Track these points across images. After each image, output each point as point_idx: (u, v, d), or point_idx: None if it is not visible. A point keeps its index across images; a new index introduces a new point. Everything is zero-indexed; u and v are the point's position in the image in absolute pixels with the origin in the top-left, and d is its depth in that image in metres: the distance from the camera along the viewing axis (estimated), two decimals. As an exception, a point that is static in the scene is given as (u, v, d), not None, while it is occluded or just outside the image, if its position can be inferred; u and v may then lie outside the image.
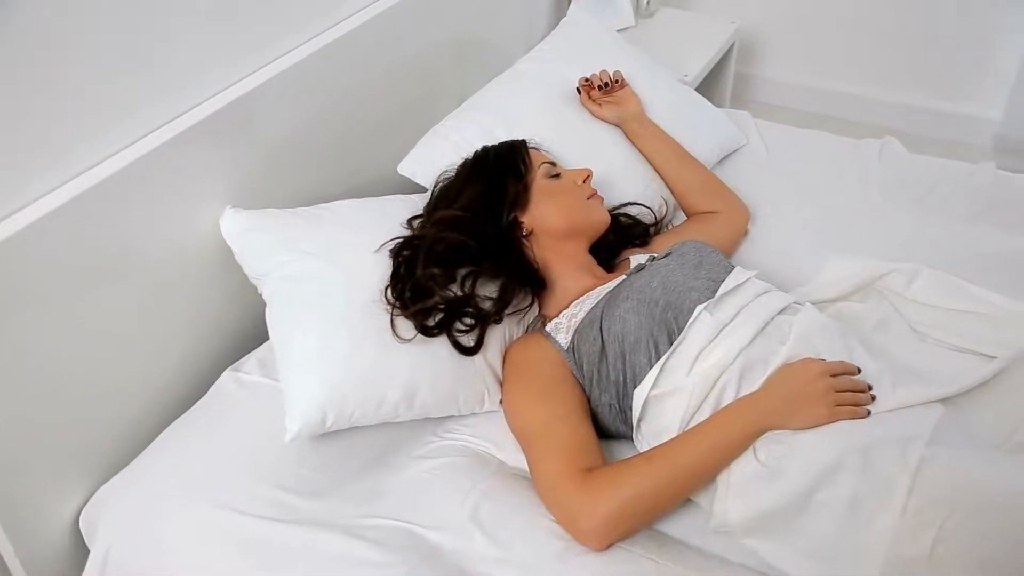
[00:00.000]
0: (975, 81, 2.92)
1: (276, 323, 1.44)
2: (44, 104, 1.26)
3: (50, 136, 1.28)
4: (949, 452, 1.16)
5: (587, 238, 1.56)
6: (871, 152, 2.04)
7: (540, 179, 1.53)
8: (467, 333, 1.40)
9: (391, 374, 1.37)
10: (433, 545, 1.24)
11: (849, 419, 1.21)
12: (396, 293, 1.40)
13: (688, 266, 1.44)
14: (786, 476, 1.19)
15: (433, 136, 1.80)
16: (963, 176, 1.95)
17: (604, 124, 1.87)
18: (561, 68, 1.96)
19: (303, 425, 1.32)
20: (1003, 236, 1.75)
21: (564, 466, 1.24)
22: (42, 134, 1.27)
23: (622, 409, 1.35)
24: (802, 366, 1.26)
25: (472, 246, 1.43)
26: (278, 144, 1.64)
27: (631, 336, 1.32)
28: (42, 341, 1.29)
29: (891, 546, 1.11)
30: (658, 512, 1.25)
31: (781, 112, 3.13)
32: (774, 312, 1.35)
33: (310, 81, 1.69)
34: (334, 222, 1.54)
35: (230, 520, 1.28)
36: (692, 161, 1.86)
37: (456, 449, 1.40)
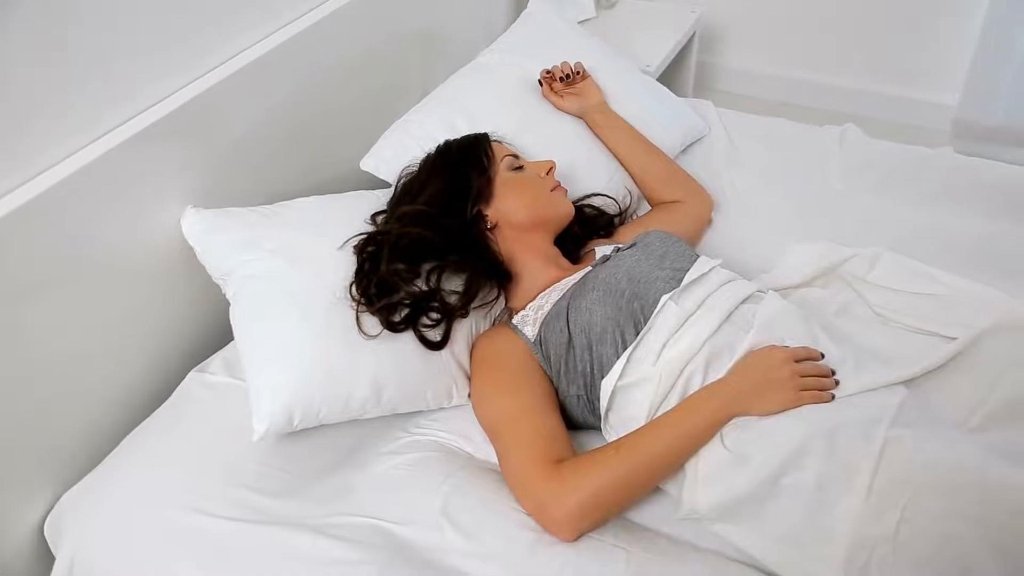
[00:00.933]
0: (932, 67, 2.95)
1: (241, 322, 1.43)
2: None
3: (5, 137, 1.26)
4: (912, 433, 1.18)
5: (551, 230, 1.56)
6: (832, 138, 2.06)
7: (503, 172, 1.53)
8: (433, 328, 1.40)
9: (358, 371, 1.36)
10: (404, 541, 1.24)
11: (813, 404, 1.23)
12: (361, 289, 1.39)
13: (653, 256, 1.44)
14: (753, 462, 1.20)
15: (395, 131, 1.80)
16: (922, 160, 1.97)
17: (567, 116, 1.87)
18: (523, 60, 1.96)
19: (270, 425, 1.32)
20: (961, 219, 1.78)
21: (533, 458, 1.24)
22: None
23: (590, 400, 1.35)
24: (767, 353, 1.27)
25: (436, 240, 1.43)
26: (239, 142, 1.63)
27: (597, 327, 1.33)
28: (0, 346, 1.27)
29: (856, 527, 1.13)
30: (628, 501, 1.26)
31: (743, 100, 3.14)
32: (738, 300, 1.36)
33: (270, 78, 1.67)
34: (297, 219, 1.53)
35: (198, 523, 1.27)
36: (655, 151, 1.87)
37: (425, 444, 1.40)
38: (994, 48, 2.72)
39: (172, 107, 1.47)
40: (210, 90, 1.53)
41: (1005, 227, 1.75)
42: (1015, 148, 2.80)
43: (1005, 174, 1.92)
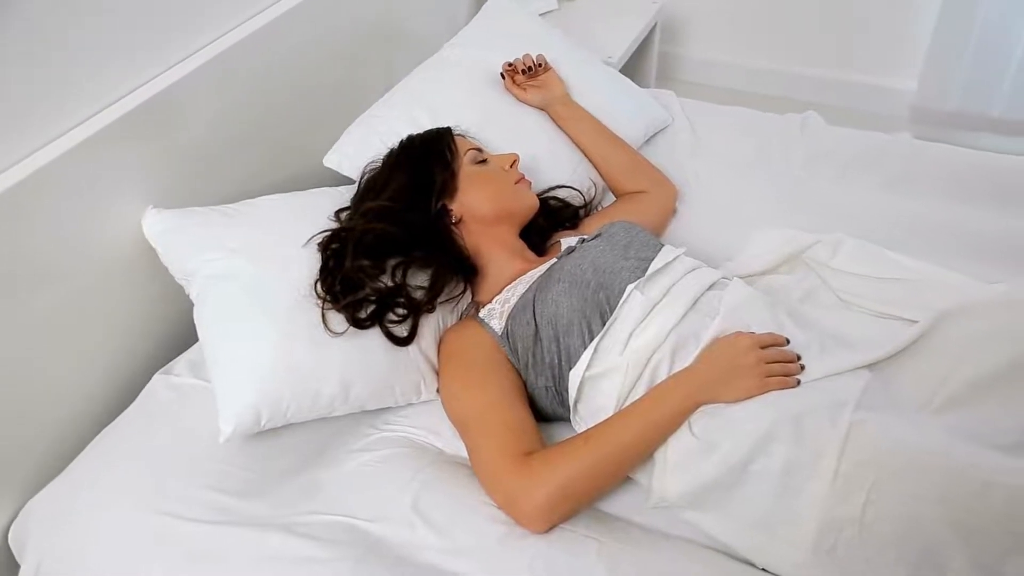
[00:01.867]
0: (890, 54, 2.99)
1: (205, 323, 1.41)
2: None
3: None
4: (876, 416, 1.19)
5: (516, 223, 1.56)
6: (793, 126, 2.07)
7: (467, 166, 1.53)
8: (400, 323, 1.39)
9: (325, 369, 1.35)
10: (375, 537, 1.24)
11: (779, 389, 1.24)
12: (326, 287, 1.38)
13: (618, 247, 1.45)
14: (721, 449, 1.21)
15: (358, 127, 1.79)
16: (881, 146, 1.99)
17: (530, 108, 1.87)
18: (485, 53, 1.95)
19: (237, 425, 1.31)
20: (920, 203, 1.80)
21: (503, 451, 1.24)
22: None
23: (558, 391, 1.36)
24: (732, 340, 1.28)
25: (401, 236, 1.43)
26: (199, 140, 1.61)
27: (564, 319, 1.33)
28: (-41, 352, 1.25)
29: (823, 510, 1.14)
30: (598, 491, 1.26)
31: (706, 90, 3.16)
32: (703, 288, 1.37)
33: (229, 75, 1.66)
34: (260, 217, 1.52)
35: (167, 526, 1.26)
36: (618, 142, 1.87)
37: (394, 440, 1.40)
38: (950, 35, 2.75)
39: (130, 106, 1.45)
40: (169, 88, 1.52)
41: (964, 210, 1.77)
42: (972, 132, 2.85)
43: (962, 158, 1.95)
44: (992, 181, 1.86)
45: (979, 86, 2.78)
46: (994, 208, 1.77)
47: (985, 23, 2.69)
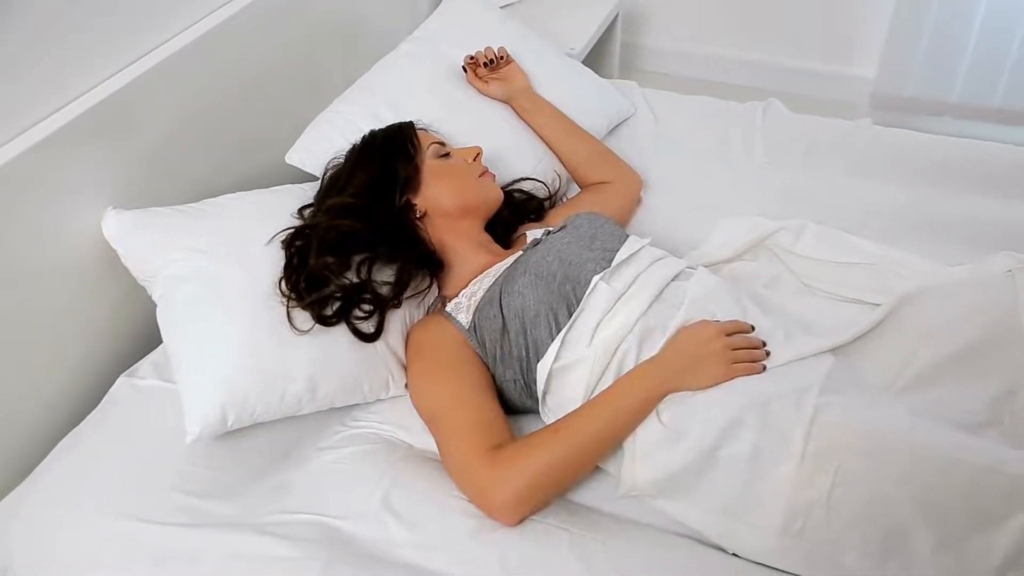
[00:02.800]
0: (850, 41, 3.02)
1: (168, 324, 1.40)
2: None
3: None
4: (841, 399, 1.21)
5: (481, 216, 1.56)
6: (755, 114, 2.09)
7: (430, 160, 1.53)
8: (366, 320, 1.38)
9: (291, 367, 1.34)
10: (346, 535, 1.23)
11: (746, 375, 1.24)
12: (291, 284, 1.37)
13: (583, 238, 1.45)
14: (689, 436, 1.22)
15: (320, 123, 1.77)
16: (842, 133, 2.01)
17: (492, 101, 1.87)
18: (446, 47, 1.94)
19: (204, 426, 1.29)
20: (881, 188, 1.82)
21: (472, 444, 1.24)
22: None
23: (527, 384, 1.36)
24: (698, 328, 1.28)
25: (365, 232, 1.42)
26: (158, 140, 1.59)
27: (531, 311, 1.33)
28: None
29: (791, 493, 1.15)
30: (568, 483, 1.26)
31: (668, 80, 3.17)
32: (669, 278, 1.38)
33: (188, 72, 1.64)
34: (222, 216, 1.50)
35: (135, 530, 1.24)
36: (582, 133, 1.87)
37: (364, 437, 1.39)
38: (907, 22, 2.79)
39: (86, 106, 1.43)
40: (126, 87, 1.50)
41: (924, 194, 1.80)
42: (931, 118, 2.89)
43: (922, 143, 1.97)
44: (950, 165, 1.88)
45: (937, 72, 2.82)
46: (953, 191, 1.80)
47: (941, 10, 2.73)
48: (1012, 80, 2.74)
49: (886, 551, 1.12)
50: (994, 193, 1.79)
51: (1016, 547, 1.06)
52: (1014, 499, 1.08)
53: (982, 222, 1.70)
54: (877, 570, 1.13)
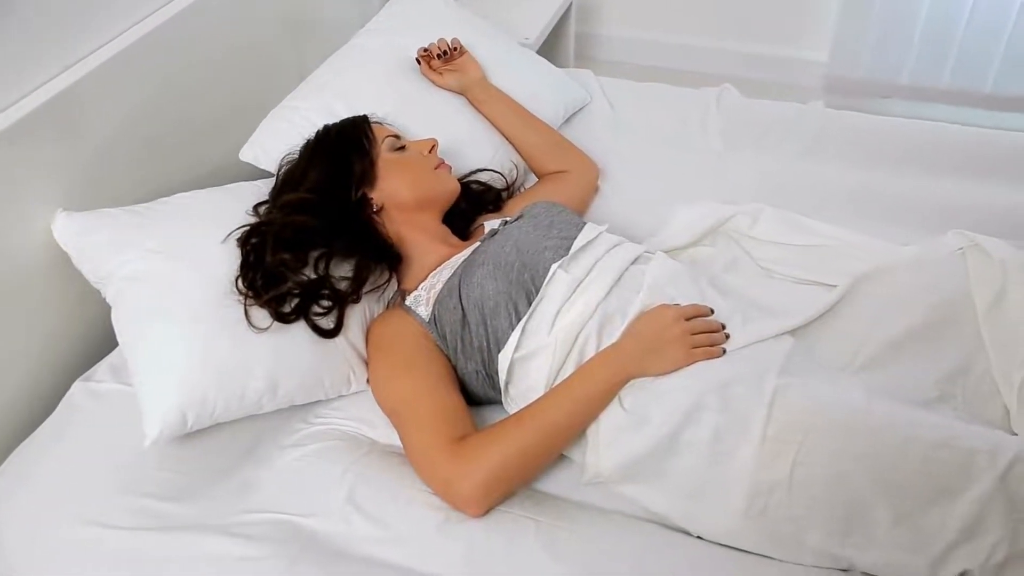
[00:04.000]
0: (802, 26, 3.05)
1: (124, 326, 1.38)
2: None
3: None
4: (800, 380, 1.22)
5: (438, 208, 1.55)
6: (709, 100, 2.10)
7: (385, 153, 1.52)
8: (325, 315, 1.38)
9: (251, 365, 1.33)
10: (312, 533, 1.23)
11: (706, 359, 1.25)
12: (247, 282, 1.36)
13: (540, 227, 1.45)
14: (651, 421, 1.22)
15: (273, 119, 1.76)
16: (795, 116, 2.03)
17: (447, 93, 1.86)
18: (399, 39, 1.93)
19: (163, 428, 1.28)
20: (834, 170, 1.84)
21: (435, 437, 1.24)
22: None
23: (489, 375, 1.36)
24: (657, 313, 1.29)
25: (321, 227, 1.41)
26: (107, 140, 1.57)
27: (490, 301, 1.33)
28: None
29: (753, 474, 1.17)
30: (532, 472, 1.27)
31: (623, 68, 3.18)
32: (627, 264, 1.38)
33: (135, 71, 1.61)
34: (176, 215, 1.49)
35: (97, 536, 1.23)
36: (538, 123, 1.87)
37: (327, 434, 1.38)
38: (857, 5, 2.82)
39: (31, 107, 1.41)
40: (72, 87, 1.47)
41: (877, 175, 1.82)
42: (882, 100, 2.93)
43: (874, 125, 2.00)
44: (902, 146, 1.91)
45: (887, 54, 2.86)
46: (904, 172, 1.82)
47: (890, -8, 2.77)
48: (960, 61, 2.78)
49: (847, 528, 1.14)
50: (944, 173, 1.82)
51: (971, 519, 1.08)
52: (968, 472, 1.10)
53: (933, 202, 1.73)
54: (838, 547, 1.15)
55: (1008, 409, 1.25)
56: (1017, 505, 1.08)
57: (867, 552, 1.14)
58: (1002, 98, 2.80)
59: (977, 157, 1.85)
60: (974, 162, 1.84)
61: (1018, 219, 1.65)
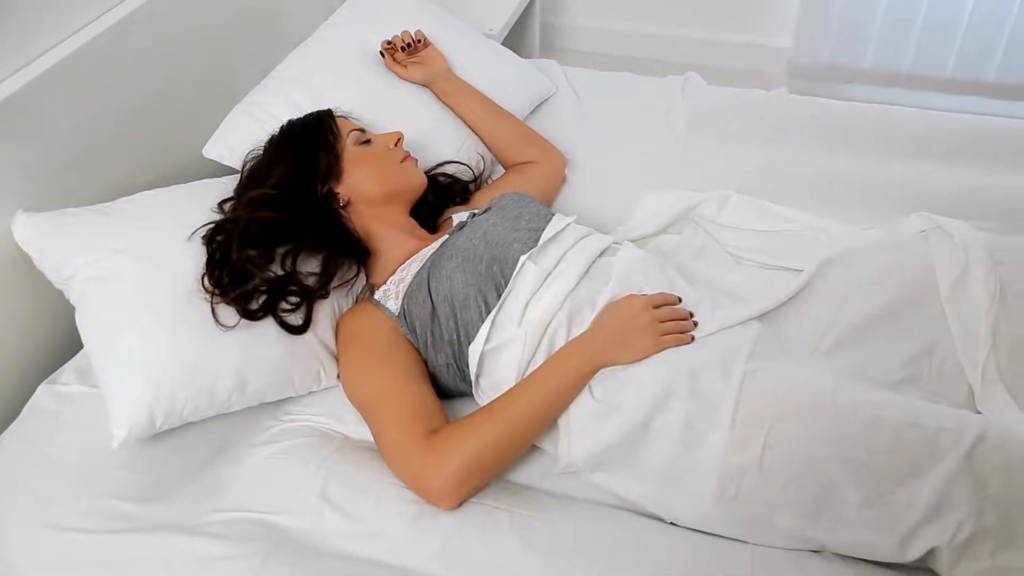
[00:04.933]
0: (765, 13, 3.07)
1: (89, 327, 1.36)
2: None
3: None
4: (768, 365, 1.23)
5: (405, 201, 1.54)
6: (674, 88, 2.10)
7: (350, 147, 1.51)
8: (293, 312, 1.37)
9: (219, 364, 1.32)
10: (284, 530, 1.22)
11: (675, 346, 1.26)
12: (213, 280, 1.35)
13: (508, 218, 1.45)
14: (622, 410, 1.23)
15: (237, 115, 1.74)
16: (759, 103, 2.04)
17: (412, 86, 1.85)
18: (362, 32, 1.91)
19: (131, 429, 1.27)
20: (799, 155, 1.85)
21: (407, 431, 1.24)
22: None
23: (459, 367, 1.36)
24: (626, 302, 1.30)
25: (288, 223, 1.40)
26: (67, 139, 1.54)
27: (460, 294, 1.33)
28: None
29: (724, 459, 1.18)
30: (504, 463, 1.27)
31: (589, 58, 3.18)
32: (595, 254, 1.39)
33: (96, 67, 1.59)
34: (139, 214, 1.47)
35: (66, 540, 1.22)
36: (504, 114, 1.87)
37: (298, 430, 1.38)
38: (820, -9, 2.84)
39: (-10, 105, 1.38)
40: (30, 85, 1.45)
41: (841, 160, 1.84)
42: (845, 85, 2.95)
43: (837, 110, 2.01)
44: (865, 131, 1.92)
45: (850, 40, 2.88)
46: (868, 156, 1.84)
47: (851, -22, 2.79)
48: (920, 46, 2.81)
49: (817, 509, 1.15)
50: (907, 156, 1.84)
51: (938, 497, 1.10)
52: (934, 452, 1.11)
53: (896, 185, 1.75)
54: (810, 529, 1.16)
55: (972, 388, 1.27)
56: (982, 482, 1.09)
57: (837, 533, 1.15)
58: (961, 82, 2.83)
59: (939, 140, 1.88)
60: (936, 145, 1.86)
61: (979, 200, 1.67)
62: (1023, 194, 1.70)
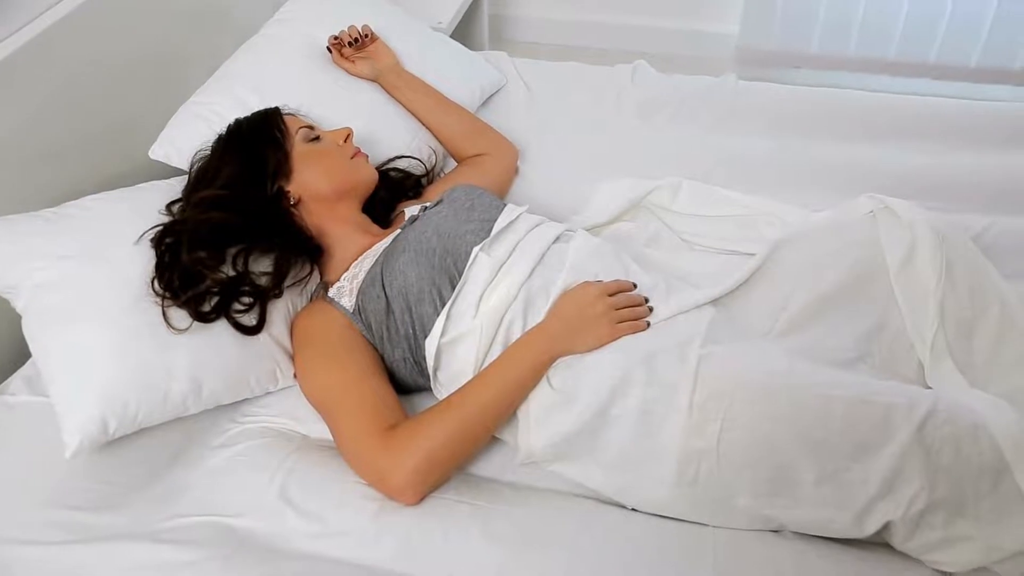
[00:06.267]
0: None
1: (36, 336, 1.33)
2: None
3: None
4: (723, 348, 1.24)
5: (357, 197, 1.53)
6: (624, 77, 2.11)
7: (299, 145, 1.49)
8: (247, 312, 1.35)
9: (172, 367, 1.30)
10: (245, 532, 1.21)
11: (630, 333, 1.27)
12: (164, 283, 1.33)
13: (461, 210, 1.45)
14: (580, 398, 1.23)
15: (183, 114, 1.71)
16: (708, 89, 2.06)
17: (361, 81, 1.83)
18: (309, 28, 1.90)
19: (83, 437, 1.25)
20: (749, 140, 1.87)
21: (365, 427, 1.23)
22: None
23: (416, 361, 1.35)
24: (580, 291, 1.30)
25: (238, 223, 1.38)
26: (10, 142, 1.51)
27: (414, 288, 1.33)
28: None
29: (682, 443, 1.18)
30: (464, 456, 1.27)
31: (538, 48, 3.19)
32: (548, 243, 1.39)
33: (36, 68, 1.55)
34: (86, 219, 1.44)
35: (20, 553, 1.20)
36: (454, 107, 1.86)
37: (256, 432, 1.36)
38: (765, -22, 2.87)
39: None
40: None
41: (789, 143, 1.86)
42: (793, 70, 2.99)
43: (784, 95, 2.04)
44: (812, 114, 1.95)
45: (796, 25, 2.91)
46: (816, 139, 1.87)
47: (796, -36, 2.82)
48: (864, 30, 2.85)
49: (774, 489, 1.17)
50: (854, 139, 1.87)
51: (891, 472, 1.12)
52: (887, 428, 1.13)
53: (844, 167, 1.77)
54: (768, 508, 1.17)
55: (922, 364, 1.30)
56: (933, 456, 1.11)
57: (795, 511, 1.17)
58: (905, 64, 2.88)
59: (884, 121, 1.91)
60: (881, 126, 1.89)
61: (922, 179, 1.70)
62: (965, 172, 1.74)
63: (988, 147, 1.82)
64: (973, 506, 1.12)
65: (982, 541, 1.11)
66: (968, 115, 1.92)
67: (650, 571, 1.15)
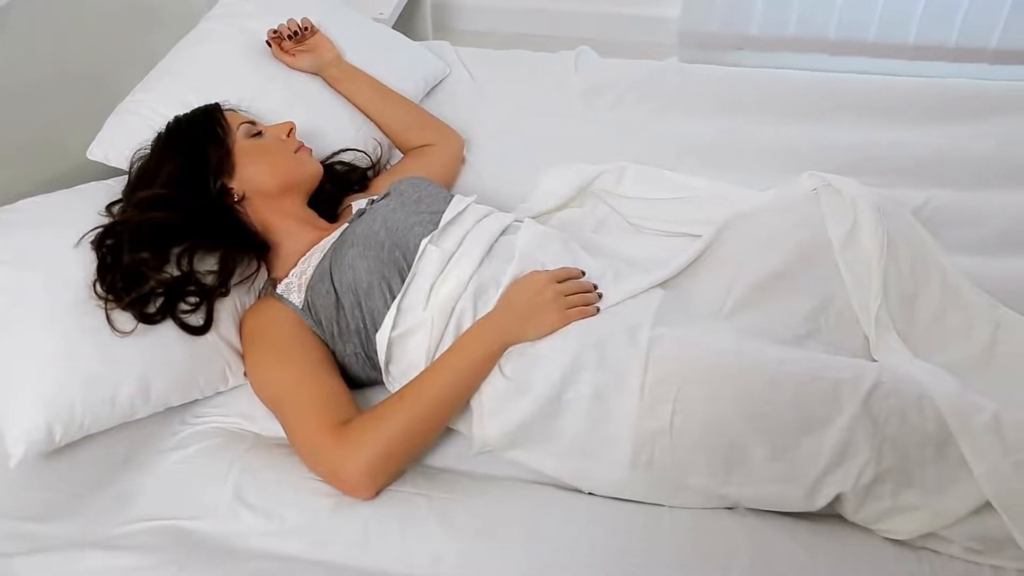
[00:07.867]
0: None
1: (-25, 344, 1.30)
2: None
3: None
4: (672, 330, 1.25)
5: (302, 192, 1.52)
6: (567, 63, 2.12)
7: (241, 140, 1.47)
8: (193, 312, 1.33)
9: (118, 371, 1.28)
10: (200, 535, 1.20)
11: (580, 319, 1.27)
12: (106, 285, 1.30)
13: (408, 203, 1.44)
14: (533, 386, 1.24)
15: (121, 113, 1.68)
16: (651, 74, 2.07)
17: (302, 74, 1.81)
18: (248, 22, 1.86)
19: (28, 446, 1.22)
20: (693, 123, 1.89)
21: (318, 424, 1.23)
22: None
23: (368, 356, 1.35)
24: (529, 279, 1.30)
25: (181, 222, 1.37)
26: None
27: (363, 282, 1.32)
28: None
29: (636, 426, 1.19)
30: (418, 447, 1.26)
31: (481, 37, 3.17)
32: (497, 233, 1.39)
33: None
34: (22, 223, 1.41)
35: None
36: (398, 98, 1.85)
37: (207, 432, 1.35)
38: (704, -40, 2.89)
39: None
40: None
41: (733, 125, 1.88)
42: (733, 52, 3.02)
43: (726, 76, 2.06)
44: (754, 95, 1.97)
45: (736, 6, 2.94)
46: (758, 120, 1.89)
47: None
48: (804, 10, 2.89)
49: (728, 467, 1.18)
50: (795, 118, 1.89)
51: (840, 444, 1.14)
52: (836, 401, 1.15)
53: (787, 147, 1.80)
54: (722, 486, 1.19)
55: (868, 337, 1.32)
56: (880, 426, 1.14)
57: (748, 488, 1.18)
58: (843, 43, 2.92)
59: (824, 101, 1.93)
60: (821, 106, 1.92)
61: (863, 157, 1.74)
62: (902, 149, 1.77)
63: (926, 122, 1.86)
64: (919, 475, 1.14)
65: (928, 509, 1.14)
66: (906, 92, 1.95)
67: (609, 553, 1.16)
